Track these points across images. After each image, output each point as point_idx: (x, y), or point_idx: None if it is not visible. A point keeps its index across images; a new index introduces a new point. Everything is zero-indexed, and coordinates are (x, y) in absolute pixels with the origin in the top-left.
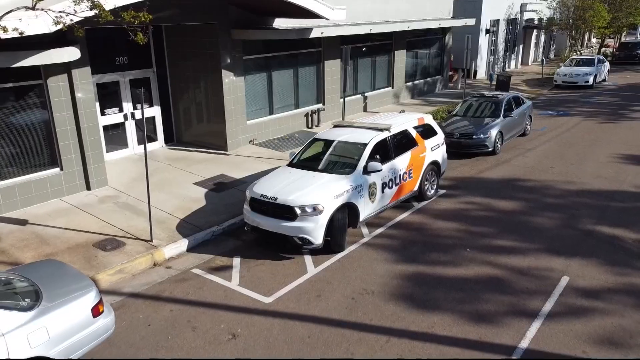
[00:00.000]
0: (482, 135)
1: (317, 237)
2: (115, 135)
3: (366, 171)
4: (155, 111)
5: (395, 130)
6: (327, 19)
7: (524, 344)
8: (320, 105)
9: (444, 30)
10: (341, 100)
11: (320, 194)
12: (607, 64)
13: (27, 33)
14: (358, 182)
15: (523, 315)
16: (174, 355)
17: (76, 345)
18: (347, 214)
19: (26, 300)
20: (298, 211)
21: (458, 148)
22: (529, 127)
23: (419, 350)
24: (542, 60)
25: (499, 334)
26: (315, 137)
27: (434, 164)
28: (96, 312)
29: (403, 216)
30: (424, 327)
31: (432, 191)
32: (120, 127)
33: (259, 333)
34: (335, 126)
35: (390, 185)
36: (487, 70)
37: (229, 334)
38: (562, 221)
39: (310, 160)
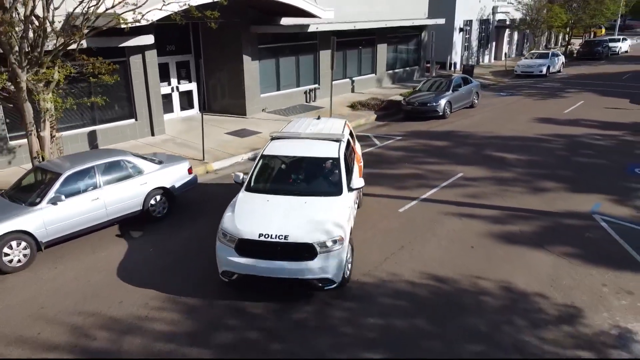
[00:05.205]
0: (434, 103)
1: (339, 275)
2: (164, 103)
3: (351, 189)
4: (192, 86)
5: (345, 139)
6: (320, 18)
7: (423, 196)
8: (316, 85)
9: (420, 28)
10: (333, 81)
11: (335, 222)
12: (561, 57)
13: (154, 20)
14: (350, 202)
15: (427, 187)
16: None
17: (181, 186)
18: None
19: (156, 161)
20: (318, 248)
21: (418, 113)
22: (476, 100)
23: (366, 200)
24: (505, 54)
25: (411, 194)
26: (265, 153)
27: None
28: (190, 171)
29: (367, 150)
30: (370, 192)
31: (360, 199)
32: (168, 97)
33: None
34: (274, 139)
35: (356, 200)
36: (461, 63)
37: None
38: (472, 151)
39: (276, 182)
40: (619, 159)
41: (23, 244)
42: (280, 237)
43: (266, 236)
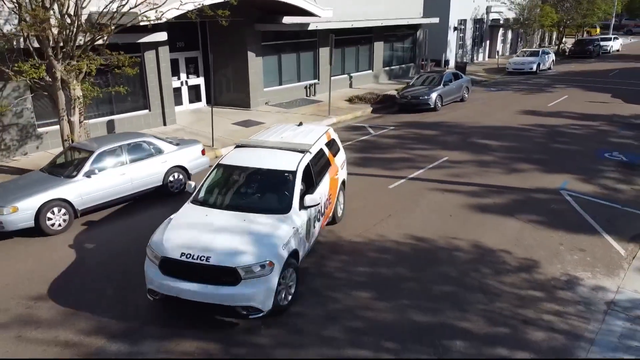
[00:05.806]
0: (425, 97)
1: (267, 303)
2: (175, 96)
3: (303, 207)
4: (200, 80)
5: (314, 150)
6: (320, 17)
7: (411, 176)
8: (316, 81)
9: (416, 27)
10: (332, 77)
11: (267, 245)
12: (552, 55)
13: (170, 18)
14: (298, 223)
15: (415, 168)
16: None
17: (196, 166)
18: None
19: (174, 143)
20: (242, 273)
21: (411, 106)
22: (466, 95)
23: (360, 178)
24: (498, 53)
25: (400, 174)
26: (220, 163)
27: (343, 183)
28: (203, 153)
29: (363, 138)
30: (364, 172)
31: (340, 212)
32: (178, 90)
33: None
34: (238, 146)
35: (319, 217)
36: (455, 61)
37: None
38: (459, 138)
39: (224, 195)
40: (591, 145)
41: (63, 210)
42: (202, 258)
43: (188, 256)
